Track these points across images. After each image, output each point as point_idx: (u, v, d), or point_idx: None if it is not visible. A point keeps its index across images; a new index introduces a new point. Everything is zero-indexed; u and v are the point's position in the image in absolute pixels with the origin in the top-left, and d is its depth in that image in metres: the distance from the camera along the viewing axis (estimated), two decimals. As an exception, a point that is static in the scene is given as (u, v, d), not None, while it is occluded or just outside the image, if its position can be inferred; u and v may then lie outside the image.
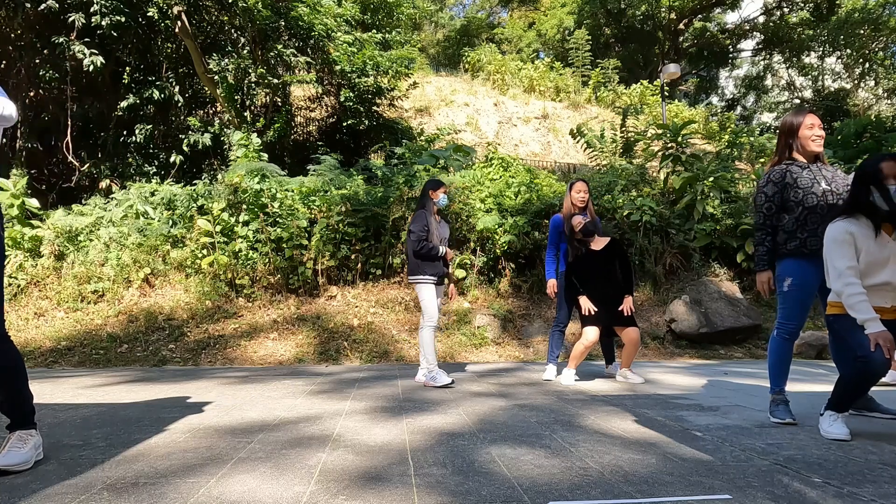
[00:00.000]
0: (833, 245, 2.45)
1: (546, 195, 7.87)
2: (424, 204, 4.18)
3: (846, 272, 2.39)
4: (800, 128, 2.81)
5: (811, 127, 2.79)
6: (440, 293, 4.21)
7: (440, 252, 4.06)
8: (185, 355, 5.79)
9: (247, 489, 1.80)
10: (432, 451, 2.26)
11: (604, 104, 18.91)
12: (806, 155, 2.84)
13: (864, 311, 2.33)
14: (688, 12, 25.19)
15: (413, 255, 4.08)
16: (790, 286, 2.77)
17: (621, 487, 1.81)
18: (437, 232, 4.10)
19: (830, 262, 2.47)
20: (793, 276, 2.76)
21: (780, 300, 2.86)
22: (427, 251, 4.01)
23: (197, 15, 10.37)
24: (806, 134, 2.80)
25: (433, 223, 4.10)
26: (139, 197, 7.87)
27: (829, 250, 2.47)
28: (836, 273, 2.43)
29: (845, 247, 2.41)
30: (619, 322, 4.12)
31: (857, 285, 2.37)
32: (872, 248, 2.40)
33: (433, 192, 4.17)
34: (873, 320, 2.30)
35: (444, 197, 4.21)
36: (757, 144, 12.73)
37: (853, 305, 2.36)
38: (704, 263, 7.69)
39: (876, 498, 1.71)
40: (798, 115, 2.85)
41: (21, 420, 2.08)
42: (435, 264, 4.07)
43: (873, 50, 23.38)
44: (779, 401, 2.83)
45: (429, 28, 29.91)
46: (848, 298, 2.37)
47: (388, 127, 11.80)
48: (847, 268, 2.39)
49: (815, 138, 2.78)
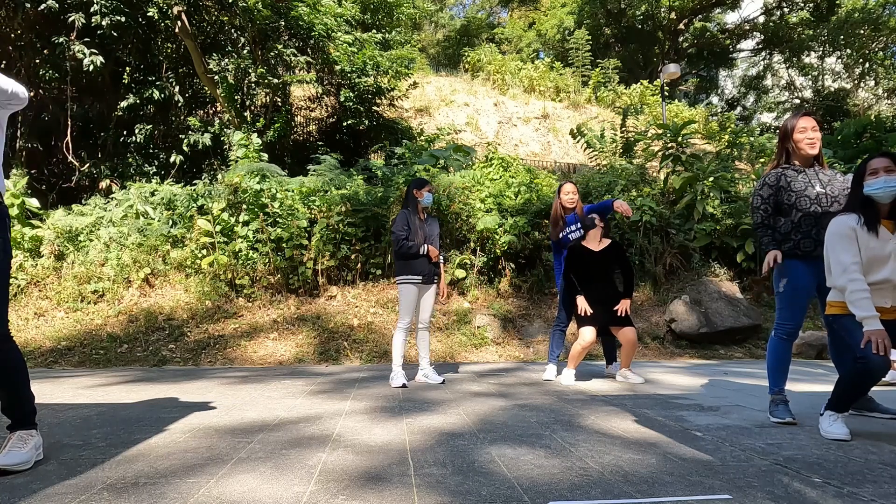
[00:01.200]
0: (836, 240, 2.45)
1: (546, 195, 7.87)
2: (407, 204, 4.17)
3: (851, 267, 2.39)
4: (793, 131, 2.83)
5: (803, 130, 2.81)
6: (427, 292, 4.16)
7: (422, 250, 4.02)
8: (185, 355, 5.79)
9: (247, 489, 1.80)
10: (432, 451, 2.26)
11: (604, 104, 18.91)
12: (802, 158, 2.85)
13: (865, 308, 2.33)
14: (688, 12, 25.19)
15: (395, 254, 4.11)
16: (785, 287, 2.81)
17: (621, 487, 1.81)
18: (421, 231, 4.09)
19: (833, 257, 2.46)
20: (787, 277, 2.79)
21: (777, 301, 2.90)
22: (406, 250, 4.00)
23: (197, 15, 10.37)
24: (798, 137, 2.82)
25: (416, 222, 4.09)
26: (139, 197, 7.87)
27: (831, 245, 2.47)
28: (841, 268, 2.42)
29: (848, 242, 2.42)
30: (615, 322, 4.12)
31: (861, 281, 2.37)
32: (874, 245, 2.41)
33: (417, 191, 4.16)
34: (872, 318, 2.31)
35: (429, 195, 4.19)
36: (757, 144, 12.71)
37: (855, 301, 2.36)
38: (704, 263, 7.69)
39: (876, 498, 1.71)
40: (793, 119, 2.88)
41: (22, 420, 2.08)
42: (417, 263, 4.05)
43: (873, 50, 23.38)
44: (778, 400, 2.84)
45: (429, 28, 29.90)
46: (850, 294, 2.37)
47: (388, 127, 11.79)
48: (852, 263, 2.39)
49: (808, 141, 2.80)
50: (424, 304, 4.18)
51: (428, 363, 4.26)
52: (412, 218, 4.10)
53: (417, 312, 4.18)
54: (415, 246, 4.02)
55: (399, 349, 4.10)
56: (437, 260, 4.20)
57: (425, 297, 4.17)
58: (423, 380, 4.20)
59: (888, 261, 2.41)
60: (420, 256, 4.06)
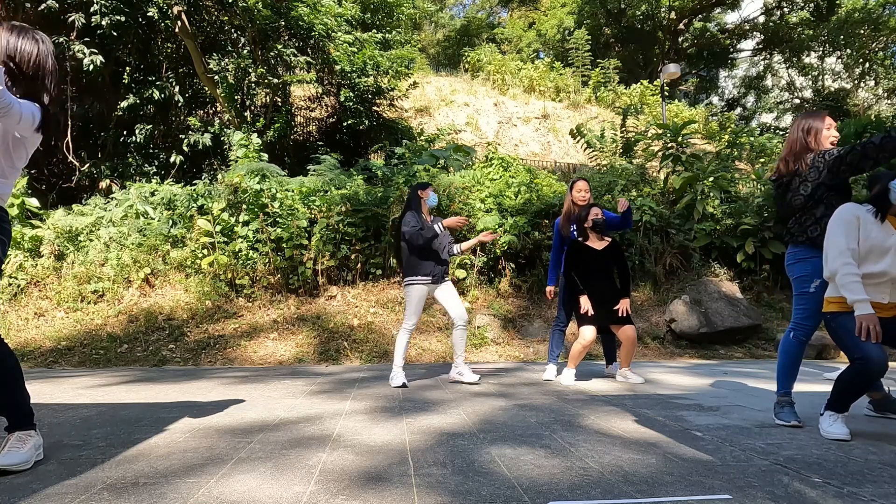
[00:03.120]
0: (839, 224, 2.46)
1: (546, 195, 7.87)
2: (411, 206, 4.12)
3: (846, 251, 2.40)
4: (821, 129, 2.83)
5: (829, 127, 2.84)
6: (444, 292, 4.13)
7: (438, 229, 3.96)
8: (185, 355, 5.79)
9: (247, 489, 1.80)
10: (432, 451, 2.26)
11: (604, 104, 18.91)
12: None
13: (855, 291, 2.34)
14: (688, 12, 25.20)
15: (408, 251, 4.03)
16: (818, 287, 2.70)
17: (621, 487, 1.81)
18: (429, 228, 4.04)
19: (832, 240, 2.47)
20: (821, 278, 2.67)
21: (801, 301, 2.79)
22: (424, 241, 3.92)
23: (197, 15, 10.37)
24: (826, 135, 2.83)
25: (426, 221, 4.05)
26: (139, 197, 7.87)
27: (832, 229, 2.48)
28: (837, 251, 2.43)
29: (850, 227, 2.44)
30: (615, 321, 4.12)
31: (853, 265, 2.39)
32: (876, 235, 2.43)
33: (422, 191, 4.13)
34: (863, 302, 2.32)
35: (434, 196, 4.16)
36: (757, 144, 12.73)
37: (846, 284, 2.37)
38: (704, 263, 7.69)
39: (876, 498, 1.71)
40: (817, 117, 2.87)
41: (19, 421, 2.08)
42: (427, 264, 4.01)
43: (873, 50, 23.38)
44: (785, 403, 2.81)
45: (429, 28, 29.91)
46: (842, 278, 2.38)
47: (388, 127, 11.80)
48: (847, 248, 2.41)
49: (832, 139, 2.83)
50: (451, 302, 4.11)
51: (462, 361, 4.19)
52: (421, 217, 4.05)
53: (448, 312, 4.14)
54: (429, 230, 3.92)
55: (401, 349, 4.06)
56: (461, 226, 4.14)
57: (448, 297, 4.12)
58: (456, 377, 4.15)
59: (888, 253, 2.42)
60: (431, 255, 4.01)
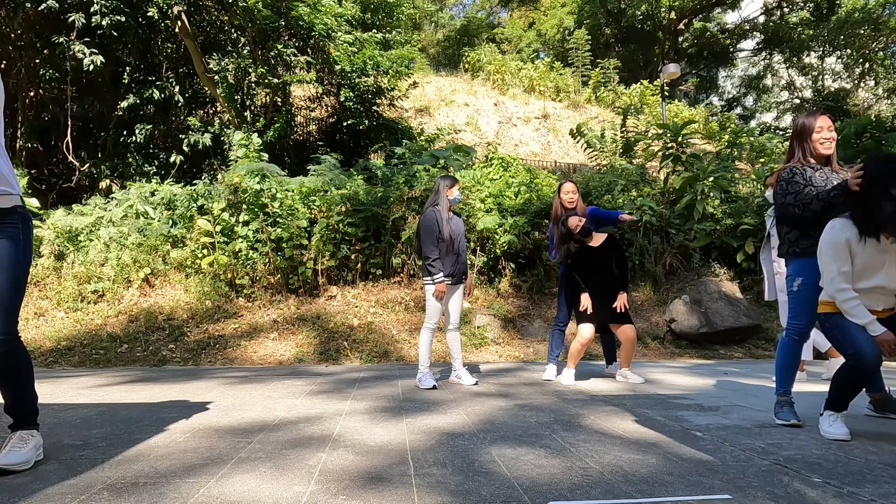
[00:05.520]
0: (827, 248, 2.46)
1: (546, 195, 7.87)
2: (437, 201, 4.03)
3: (837, 277, 2.41)
4: (811, 131, 2.81)
5: (820, 130, 2.80)
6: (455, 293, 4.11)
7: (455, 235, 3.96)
8: (185, 355, 5.79)
9: (247, 489, 1.80)
10: (432, 451, 2.26)
11: (604, 104, 18.91)
12: (817, 158, 2.84)
13: (861, 315, 2.36)
14: (688, 12, 25.22)
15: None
16: (801, 286, 2.74)
17: (621, 487, 1.81)
18: (448, 229, 3.98)
19: (824, 265, 2.48)
20: (803, 276, 2.73)
21: (789, 301, 2.83)
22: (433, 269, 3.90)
23: (197, 15, 10.37)
24: (815, 137, 2.80)
25: (444, 221, 3.97)
26: (139, 197, 7.87)
27: (823, 252, 2.48)
28: (828, 277, 2.45)
29: (837, 251, 2.42)
30: (615, 319, 4.12)
31: (848, 290, 2.39)
32: (868, 251, 2.41)
33: (448, 188, 4.06)
34: (872, 323, 2.34)
35: (459, 194, 4.12)
36: (757, 144, 12.74)
37: (849, 311, 2.39)
38: (704, 263, 7.69)
39: (876, 498, 1.71)
40: (810, 118, 2.85)
41: (24, 420, 2.09)
42: (447, 264, 3.96)
43: (873, 50, 23.38)
44: (784, 402, 2.82)
45: (429, 28, 29.91)
46: (843, 304, 2.41)
47: (388, 127, 11.79)
48: (839, 272, 2.41)
49: (823, 141, 2.79)
50: (453, 306, 4.10)
51: (461, 364, 4.17)
52: (441, 217, 3.96)
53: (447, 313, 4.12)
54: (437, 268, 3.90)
55: (426, 349, 4.00)
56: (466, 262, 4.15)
57: (453, 299, 4.10)
58: (455, 381, 4.13)
59: (882, 268, 2.42)
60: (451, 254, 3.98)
